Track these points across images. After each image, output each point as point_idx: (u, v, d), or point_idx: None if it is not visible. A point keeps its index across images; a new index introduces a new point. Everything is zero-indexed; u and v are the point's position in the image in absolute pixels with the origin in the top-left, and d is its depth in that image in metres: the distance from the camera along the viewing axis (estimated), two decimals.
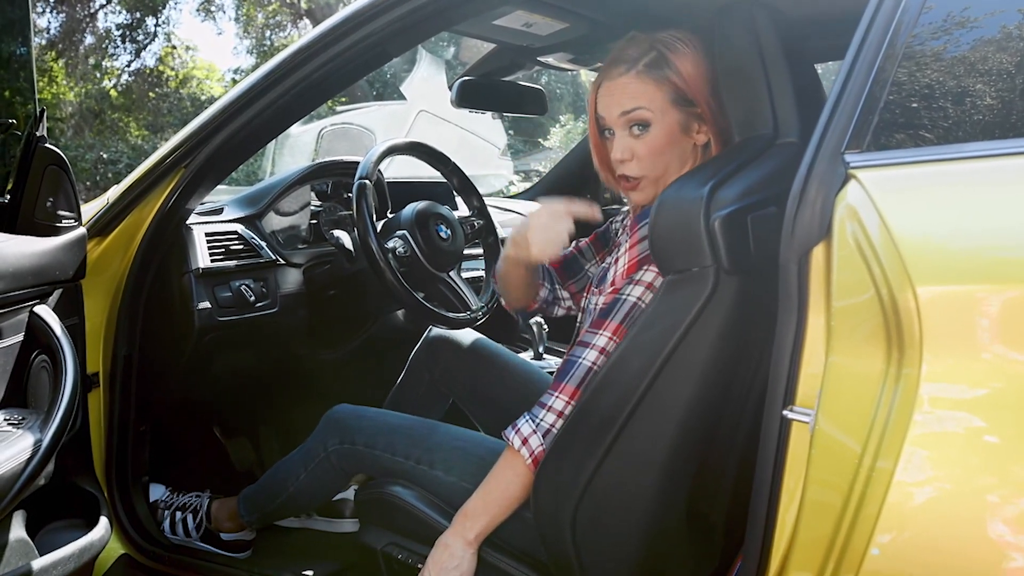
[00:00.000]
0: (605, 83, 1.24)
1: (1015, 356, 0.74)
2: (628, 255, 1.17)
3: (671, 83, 1.19)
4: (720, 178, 1.05)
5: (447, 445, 1.39)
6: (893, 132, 0.88)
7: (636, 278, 1.16)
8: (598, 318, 1.17)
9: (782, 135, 1.15)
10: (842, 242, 0.86)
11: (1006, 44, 0.85)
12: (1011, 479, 0.74)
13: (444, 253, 1.71)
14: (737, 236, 1.01)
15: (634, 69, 1.20)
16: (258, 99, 1.42)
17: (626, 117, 1.21)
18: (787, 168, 1.13)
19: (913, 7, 0.89)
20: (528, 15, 1.57)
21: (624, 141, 1.21)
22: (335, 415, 1.50)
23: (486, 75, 2.03)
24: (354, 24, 1.34)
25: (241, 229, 1.72)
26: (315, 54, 1.38)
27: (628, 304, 1.15)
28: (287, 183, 1.82)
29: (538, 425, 1.18)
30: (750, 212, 1.04)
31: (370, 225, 1.54)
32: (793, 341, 0.93)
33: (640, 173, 1.22)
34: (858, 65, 0.91)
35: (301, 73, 1.39)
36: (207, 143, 1.46)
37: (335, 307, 1.85)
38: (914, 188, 0.83)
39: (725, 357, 1.09)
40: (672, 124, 1.20)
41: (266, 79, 1.41)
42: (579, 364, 1.16)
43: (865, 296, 0.84)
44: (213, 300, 1.61)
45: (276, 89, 1.41)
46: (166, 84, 15.33)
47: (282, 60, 1.41)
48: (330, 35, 1.37)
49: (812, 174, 0.91)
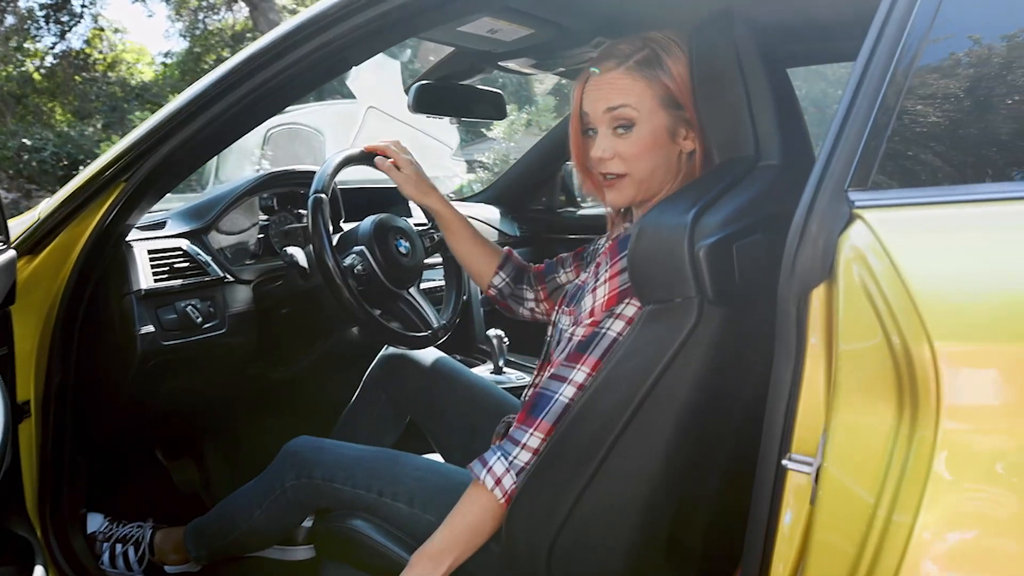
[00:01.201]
0: (592, 78, 1.18)
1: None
2: (608, 286, 1.11)
3: (662, 83, 1.14)
4: (704, 203, 1.01)
5: (410, 476, 1.33)
6: (900, 170, 0.83)
7: (617, 312, 1.10)
8: (575, 351, 1.11)
9: (764, 157, 1.11)
10: (848, 285, 0.81)
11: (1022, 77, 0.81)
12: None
13: (404, 269, 1.63)
14: (722, 266, 0.97)
15: (624, 65, 1.14)
16: (207, 108, 1.31)
17: (611, 114, 1.15)
18: (770, 192, 1.09)
19: (918, 31, 0.84)
20: (494, 21, 1.50)
21: (607, 140, 1.16)
22: (292, 449, 1.41)
23: (443, 79, 1.95)
24: (313, 30, 1.24)
25: (186, 245, 1.61)
26: (270, 60, 1.28)
27: (608, 339, 1.10)
28: (235, 195, 1.71)
29: (511, 463, 1.11)
30: (735, 240, 0.99)
31: (327, 242, 1.45)
32: (790, 384, 0.89)
33: (623, 170, 1.17)
34: (860, 97, 0.86)
35: (255, 81, 1.29)
36: (150, 155, 1.35)
37: (288, 325, 1.75)
38: (927, 232, 0.79)
39: (708, 389, 1.05)
40: (659, 126, 1.15)
41: (216, 86, 1.30)
42: (556, 400, 1.11)
43: (873, 343, 0.79)
44: (157, 323, 1.50)
45: (227, 97, 1.30)
46: (93, 68, 14.75)
47: (234, 66, 1.30)
48: (287, 40, 1.27)
49: (813, 211, 0.86)
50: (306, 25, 1.24)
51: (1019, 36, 0.82)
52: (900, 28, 0.85)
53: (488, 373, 2.07)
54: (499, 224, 2.63)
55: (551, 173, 2.76)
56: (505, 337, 2.04)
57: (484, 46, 1.69)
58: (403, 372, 1.65)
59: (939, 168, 0.83)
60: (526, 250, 2.73)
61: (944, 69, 0.85)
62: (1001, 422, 0.71)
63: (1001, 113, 0.82)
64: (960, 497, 0.72)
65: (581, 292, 1.18)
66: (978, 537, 0.73)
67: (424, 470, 1.34)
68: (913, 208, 0.80)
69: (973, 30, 0.84)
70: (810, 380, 0.87)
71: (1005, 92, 0.82)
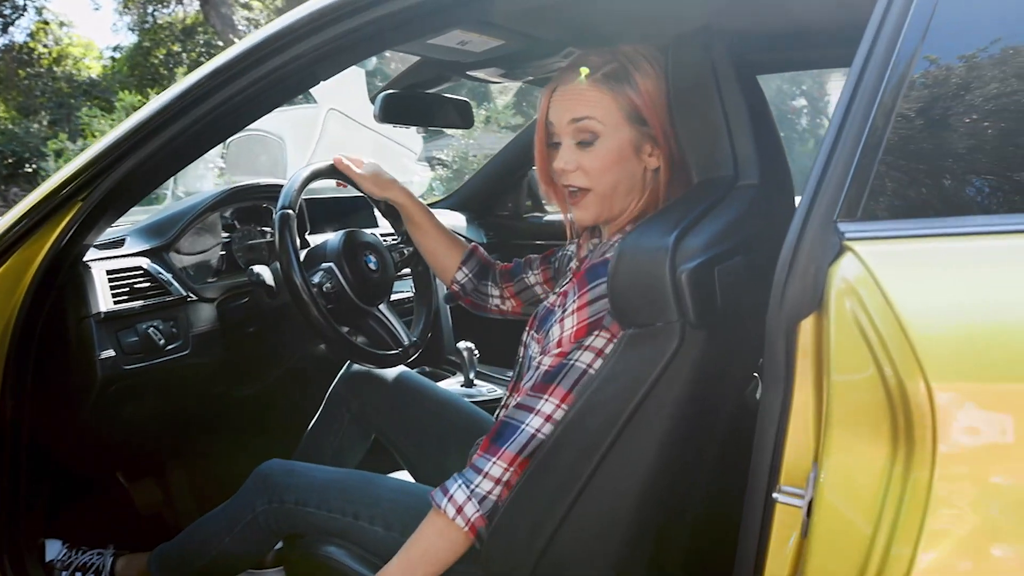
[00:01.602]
0: (560, 88, 1.16)
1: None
2: (576, 317, 1.09)
3: (628, 98, 1.12)
4: (684, 226, 0.99)
5: (386, 498, 1.30)
6: (891, 200, 0.82)
7: (586, 343, 1.08)
8: (542, 381, 1.09)
9: (742, 177, 1.10)
10: (840, 319, 0.80)
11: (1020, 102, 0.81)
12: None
13: (374, 286, 1.59)
14: (704, 289, 0.96)
15: (591, 77, 1.13)
16: (169, 125, 1.26)
17: (575, 125, 1.14)
18: (750, 213, 1.08)
19: (907, 52, 0.83)
20: (464, 34, 1.47)
21: (570, 152, 1.15)
22: (263, 472, 1.37)
23: (410, 87, 1.91)
24: (280, 45, 1.20)
25: (147, 264, 1.55)
26: (235, 76, 1.23)
27: (577, 371, 1.08)
28: (198, 210, 1.65)
29: (472, 492, 1.09)
30: (717, 263, 0.98)
31: (295, 259, 1.41)
32: (779, 415, 0.88)
33: (586, 184, 1.15)
34: (848, 123, 0.85)
35: (219, 96, 1.24)
36: (108, 174, 1.29)
37: (254, 343, 1.70)
38: (921, 266, 0.78)
39: (691, 410, 1.04)
40: (623, 141, 1.13)
41: (178, 102, 1.25)
42: (521, 430, 1.08)
43: (866, 377, 0.78)
44: (117, 347, 1.44)
45: (190, 114, 1.25)
46: (38, 63, 14.35)
47: (197, 81, 1.25)
48: (253, 55, 1.22)
49: (802, 242, 0.85)
50: (269, 42, 1.20)
51: (1015, 59, 0.81)
52: (888, 50, 0.84)
53: (458, 386, 2.04)
54: (465, 231, 2.59)
55: (517, 178, 2.73)
56: (475, 349, 2.01)
57: (453, 57, 1.66)
58: (367, 388, 1.62)
59: (932, 198, 0.82)
60: (493, 256, 2.69)
61: (936, 94, 0.84)
62: (999, 465, 0.71)
63: (997, 141, 0.81)
64: (957, 539, 0.72)
65: (550, 318, 1.17)
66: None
67: (400, 492, 1.31)
68: (905, 241, 0.79)
69: (966, 51, 0.84)
70: (799, 411, 0.87)
71: (1001, 119, 0.81)
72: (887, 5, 0.85)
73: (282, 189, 1.48)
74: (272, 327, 1.67)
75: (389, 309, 1.65)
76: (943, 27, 0.84)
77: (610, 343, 1.07)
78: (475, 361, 2.02)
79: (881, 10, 0.86)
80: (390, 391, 1.61)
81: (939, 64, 0.84)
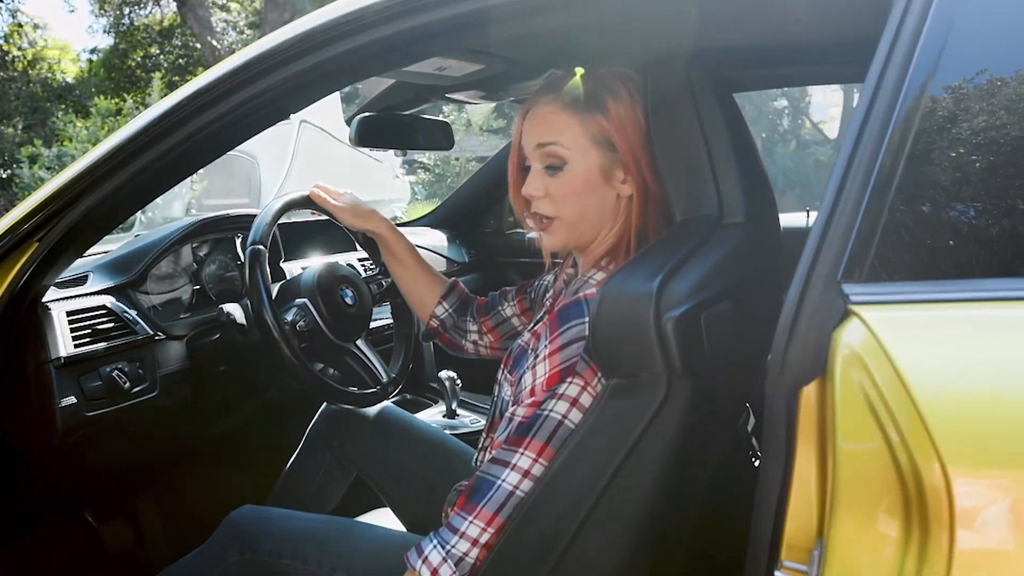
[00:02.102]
0: (531, 111, 1.12)
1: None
2: (548, 364, 1.03)
3: (597, 123, 1.07)
4: (669, 269, 0.94)
5: (364, 551, 1.24)
6: (900, 260, 0.77)
7: (559, 392, 1.02)
8: (516, 434, 1.03)
9: (727, 216, 1.05)
10: (846, 390, 0.74)
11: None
12: None
13: (350, 321, 1.52)
14: (691, 338, 0.91)
15: (560, 100, 1.09)
16: (130, 162, 1.18)
17: (542, 151, 1.10)
18: (736, 255, 1.03)
19: (917, 84, 0.78)
20: (443, 60, 1.41)
21: (538, 177, 1.11)
22: (235, 520, 1.30)
23: (386, 109, 1.85)
24: (247, 78, 1.13)
25: (111, 302, 1.47)
26: (200, 110, 1.16)
27: (552, 422, 1.01)
28: (165, 244, 1.58)
29: (448, 553, 1.03)
30: (703, 310, 0.93)
31: (265, 297, 1.34)
32: (780, 486, 0.83)
33: (553, 213, 1.11)
34: (852, 174, 0.79)
35: (183, 132, 1.17)
36: (66, 212, 1.22)
37: (226, 381, 1.63)
38: (934, 336, 0.72)
39: (678, 462, 0.99)
40: (591, 167, 1.08)
41: (140, 137, 1.18)
42: (498, 487, 1.02)
43: (875, 453, 0.73)
44: (80, 393, 1.37)
45: (152, 150, 1.18)
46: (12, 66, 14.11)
47: (160, 115, 1.18)
48: (217, 88, 1.15)
49: (803, 305, 0.79)
50: (234, 75, 1.13)
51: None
52: (897, 83, 0.79)
53: (440, 416, 1.98)
54: (446, 251, 2.53)
55: (500, 194, 2.67)
56: (458, 378, 1.95)
57: (431, 81, 1.60)
58: (348, 426, 1.56)
59: (947, 258, 0.77)
60: (476, 275, 2.64)
61: (954, 135, 0.78)
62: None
63: (1019, 194, 0.76)
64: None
65: (523, 360, 1.11)
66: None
67: (380, 542, 1.25)
68: (917, 307, 0.74)
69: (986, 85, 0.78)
70: (801, 482, 0.81)
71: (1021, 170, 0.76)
72: (895, 35, 0.80)
73: (253, 222, 1.41)
74: (245, 364, 1.61)
75: (367, 344, 1.58)
76: (959, 57, 0.78)
77: (584, 391, 1.01)
78: (457, 391, 1.95)
79: (889, 39, 0.80)
80: (372, 429, 1.55)
81: (957, 98, 0.78)
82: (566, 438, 1.00)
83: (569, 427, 1.01)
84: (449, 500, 1.30)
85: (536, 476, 1.01)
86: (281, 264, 1.87)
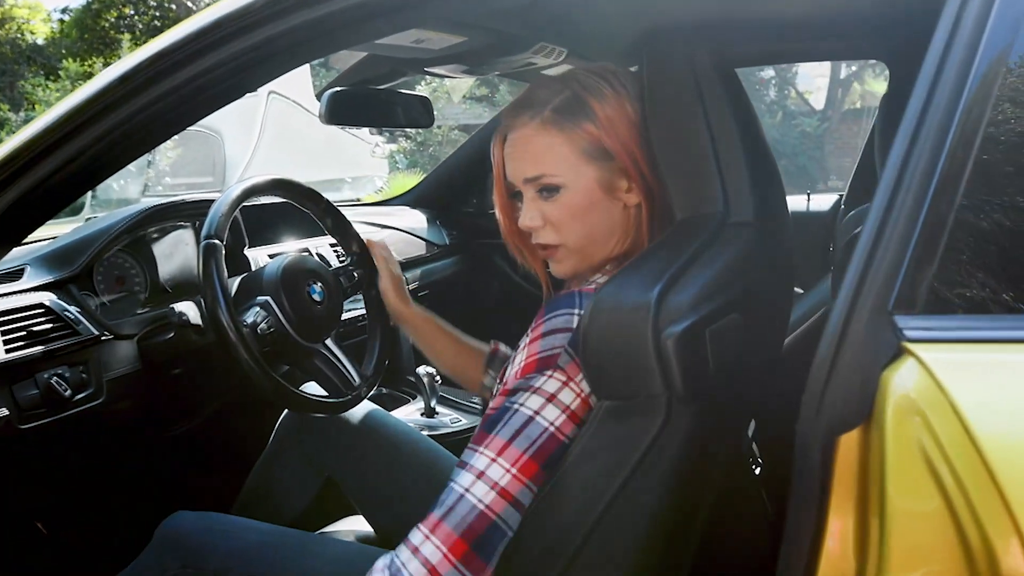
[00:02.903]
0: (509, 136, 0.99)
1: None
2: (527, 351, 0.90)
3: (586, 133, 0.94)
4: (669, 277, 0.82)
5: (321, 570, 1.12)
6: (967, 288, 0.64)
7: (533, 384, 0.87)
8: (481, 430, 0.89)
9: (734, 213, 0.92)
10: (898, 442, 0.62)
11: None
12: None
13: (318, 320, 1.38)
14: (694, 357, 0.79)
15: (539, 117, 0.95)
16: (74, 136, 1.02)
17: (532, 184, 0.97)
18: (745, 259, 0.90)
19: (984, 64, 0.65)
20: (421, 32, 1.26)
21: (533, 205, 0.98)
22: (173, 529, 1.17)
23: (360, 83, 1.70)
24: (204, 46, 0.97)
25: (49, 300, 1.32)
26: (143, 86, 1.00)
27: (520, 418, 0.86)
28: (112, 233, 1.42)
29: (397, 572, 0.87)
30: (708, 324, 0.81)
31: (221, 297, 1.20)
32: (812, 539, 0.71)
33: (557, 241, 0.98)
34: (908, 177, 0.66)
35: (123, 112, 1.01)
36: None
37: (182, 384, 1.49)
38: (1010, 385, 0.60)
39: (678, 491, 0.88)
40: (590, 184, 0.95)
41: (87, 109, 1.02)
42: (457, 495, 0.86)
43: (931, 515, 0.61)
44: (12, 404, 1.22)
45: (100, 124, 1.02)
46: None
47: (94, 94, 1.02)
48: (164, 61, 0.99)
49: (846, 339, 0.66)
50: (184, 46, 0.97)
51: None
52: (960, 80, 0.66)
53: (418, 415, 1.85)
54: (426, 233, 2.38)
55: (482, 171, 2.52)
56: (437, 375, 1.82)
57: (409, 55, 1.45)
58: (318, 422, 1.44)
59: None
60: (457, 258, 2.50)
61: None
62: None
63: None
64: None
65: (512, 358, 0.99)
66: None
67: (337, 562, 1.13)
68: (988, 347, 0.61)
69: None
70: (835, 536, 0.70)
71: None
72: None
73: (209, 210, 1.26)
74: (201, 366, 1.46)
75: (337, 343, 1.44)
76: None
77: (565, 387, 0.87)
78: (436, 387, 1.83)
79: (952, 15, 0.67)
80: (344, 427, 1.43)
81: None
82: (536, 439, 0.86)
83: (541, 426, 0.86)
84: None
85: (495, 481, 0.85)
86: (245, 252, 1.72)
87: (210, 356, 1.42)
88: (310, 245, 1.87)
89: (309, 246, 1.86)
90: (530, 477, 0.86)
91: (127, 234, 1.46)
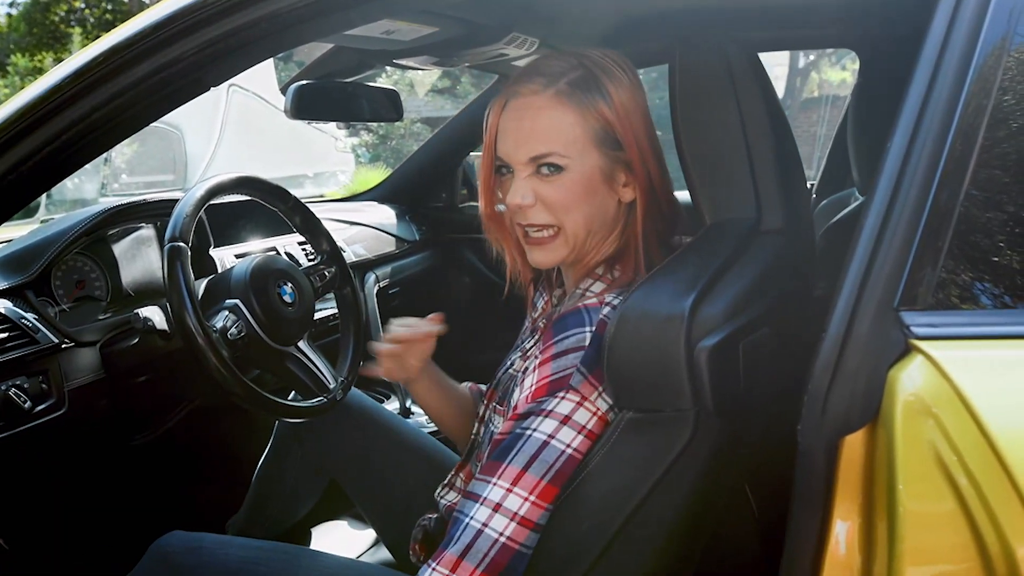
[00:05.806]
0: (512, 102, 0.92)
1: None
2: (538, 374, 0.87)
3: (599, 114, 0.89)
4: (702, 287, 0.79)
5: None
6: (975, 284, 0.62)
7: (546, 407, 0.84)
8: (491, 459, 0.86)
9: (766, 221, 0.90)
10: (908, 442, 0.60)
11: None
12: None
13: (289, 322, 1.33)
14: (726, 372, 0.77)
15: (553, 87, 0.89)
16: (10, 148, 0.96)
17: (534, 164, 0.91)
18: (776, 269, 0.88)
19: (987, 49, 0.63)
20: (391, 23, 1.22)
21: (528, 183, 0.91)
22: (163, 550, 1.13)
23: (326, 77, 1.65)
24: (161, 39, 0.92)
25: (4, 307, 1.25)
26: (98, 83, 0.95)
27: (534, 444, 0.84)
28: (70, 235, 1.36)
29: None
30: (741, 338, 0.79)
31: (188, 301, 1.15)
32: (816, 542, 0.70)
33: (549, 220, 0.92)
34: (911, 166, 0.64)
35: (78, 110, 0.95)
36: None
37: (146, 392, 1.44)
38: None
39: (697, 512, 0.88)
40: (592, 170, 0.91)
41: (23, 118, 0.96)
42: (464, 526, 0.84)
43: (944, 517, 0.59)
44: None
45: (38, 133, 0.96)
46: None
47: (46, 91, 0.96)
48: (119, 57, 0.94)
49: (851, 338, 0.64)
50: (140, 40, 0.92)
51: None
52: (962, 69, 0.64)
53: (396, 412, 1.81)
54: (395, 229, 2.33)
55: (451, 166, 2.48)
56: None
57: (378, 46, 1.41)
58: (317, 421, 1.36)
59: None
60: (428, 253, 2.46)
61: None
62: None
63: None
64: None
65: (513, 383, 0.96)
66: None
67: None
68: (1000, 344, 0.59)
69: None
70: (839, 539, 0.68)
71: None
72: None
73: (173, 211, 1.21)
74: (169, 372, 1.41)
75: (310, 345, 1.40)
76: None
77: (580, 407, 0.84)
78: None
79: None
80: (344, 425, 1.37)
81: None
82: (553, 463, 0.83)
83: (557, 449, 0.83)
84: (414, 536, 1.14)
85: (514, 511, 0.83)
86: (211, 252, 1.67)
87: (176, 362, 1.37)
88: (278, 244, 1.82)
89: (277, 245, 1.81)
90: (551, 501, 0.84)
91: (86, 236, 1.40)
